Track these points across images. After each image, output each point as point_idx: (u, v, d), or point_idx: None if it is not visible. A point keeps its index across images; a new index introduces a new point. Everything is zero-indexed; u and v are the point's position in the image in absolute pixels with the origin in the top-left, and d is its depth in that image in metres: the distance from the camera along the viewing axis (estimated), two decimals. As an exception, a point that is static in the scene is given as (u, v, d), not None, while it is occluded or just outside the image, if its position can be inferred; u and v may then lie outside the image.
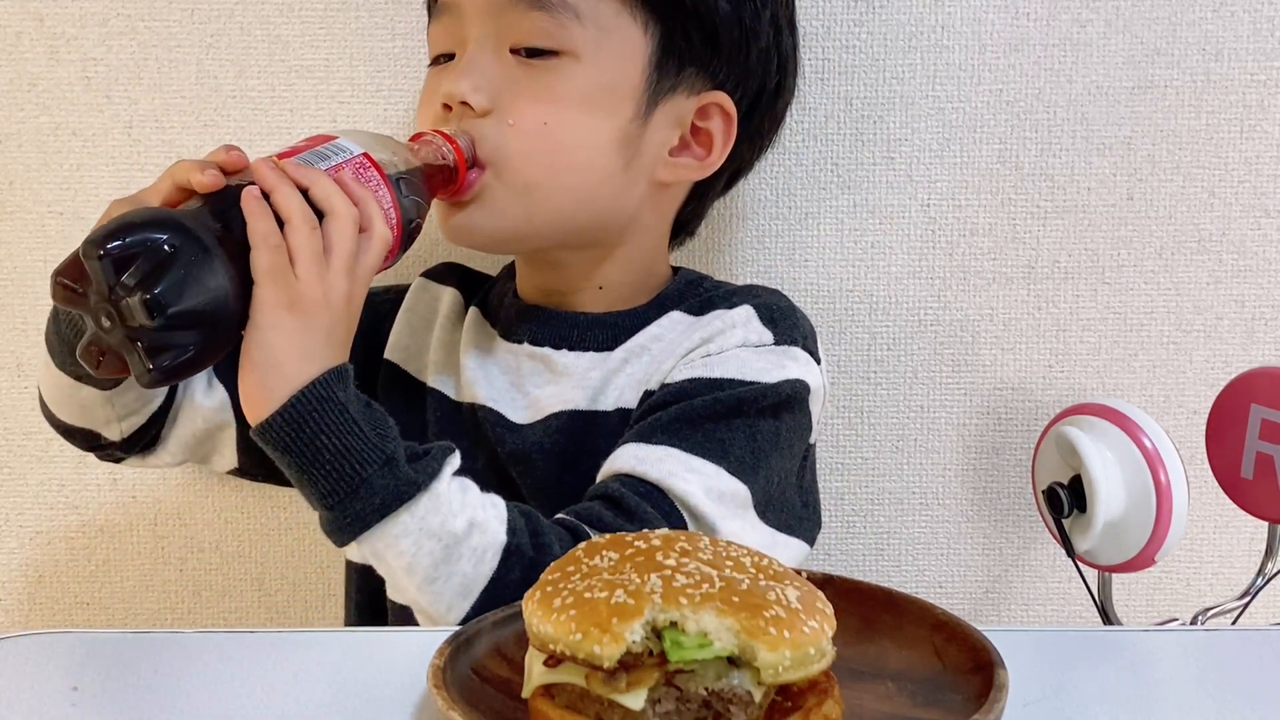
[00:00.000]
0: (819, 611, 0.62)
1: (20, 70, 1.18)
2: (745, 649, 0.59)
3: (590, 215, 0.96)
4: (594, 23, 0.93)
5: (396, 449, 0.80)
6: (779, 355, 0.94)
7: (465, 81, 0.93)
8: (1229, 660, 0.77)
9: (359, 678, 0.72)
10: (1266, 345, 1.19)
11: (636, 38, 0.94)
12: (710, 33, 0.95)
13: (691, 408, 0.90)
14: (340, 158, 0.86)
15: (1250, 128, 1.17)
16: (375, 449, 0.79)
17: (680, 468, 0.87)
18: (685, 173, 1.00)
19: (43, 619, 1.24)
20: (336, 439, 0.78)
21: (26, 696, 0.71)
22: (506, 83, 0.93)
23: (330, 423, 0.78)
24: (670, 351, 0.96)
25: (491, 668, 0.68)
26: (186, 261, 0.75)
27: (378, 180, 0.86)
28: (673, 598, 0.60)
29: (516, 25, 0.93)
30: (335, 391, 0.79)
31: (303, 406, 0.78)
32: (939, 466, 1.21)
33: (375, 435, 0.79)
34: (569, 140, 0.93)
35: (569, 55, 0.93)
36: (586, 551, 0.65)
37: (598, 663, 0.59)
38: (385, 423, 0.81)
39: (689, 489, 0.87)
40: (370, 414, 0.81)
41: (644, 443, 0.89)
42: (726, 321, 0.95)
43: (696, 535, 0.66)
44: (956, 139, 1.17)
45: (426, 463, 0.81)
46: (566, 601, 0.61)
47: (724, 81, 0.98)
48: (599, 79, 0.93)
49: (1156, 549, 1.03)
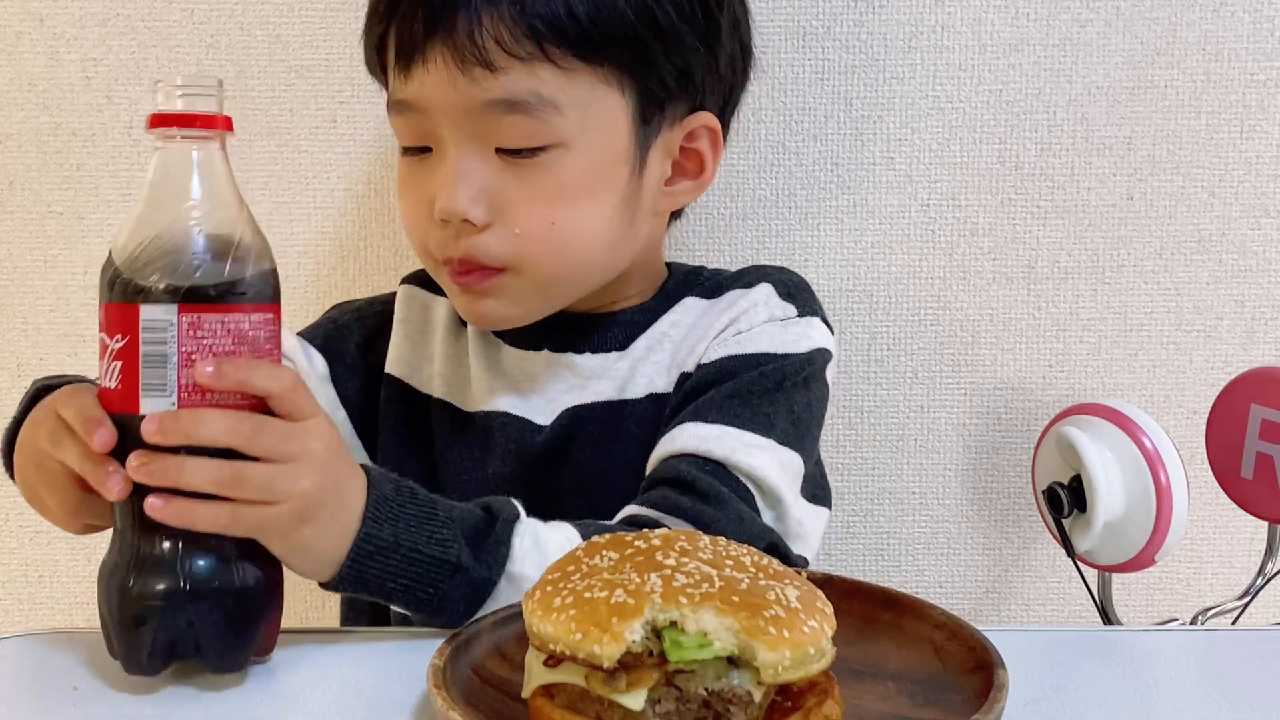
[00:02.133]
0: (819, 611, 0.62)
1: (20, 70, 1.18)
2: (745, 648, 0.59)
3: (605, 275, 0.97)
4: (574, 106, 0.89)
5: (460, 552, 0.76)
6: (803, 326, 0.97)
7: (461, 196, 0.89)
8: (1229, 660, 0.77)
9: (359, 678, 0.72)
10: (1266, 345, 1.19)
11: (616, 102, 0.91)
12: (683, 69, 0.93)
13: (738, 386, 0.92)
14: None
15: (1250, 128, 1.17)
16: (441, 564, 0.76)
17: (739, 444, 0.89)
18: (683, 197, 0.99)
19: (43, 619, 1.24)
20: (401, 579, 0.75)
21: (26, 696, 0.71)
22: (501, 188, 0.90)
23: (390, 567, 0.75)
24: (698, 334, 0.97)
25: (491, 668, 0.68)
26: (208, 619, 0.69)
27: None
28: (672, 597, 0.60)
29: (494, 130, 0.89)
30: (377, 542, 0.74)
31: (357, 570, 0.75)
32: (939, 466, 1.21)
33: (439, 548, 0.76)
34: (577, 231, 0.92)
35: (558, 147, 0.89)
36: (586, 551, 0.65)
37: (598, 662, 0.59)
38: (442, 525, 0.77)
39: (754, 463, 0.89)
40: (424, 526, 0.76)
41: (700, 422, 0.90)
42: (750, 300, 0.97)
43: (696, 534, 0.66)
44: (956, 139, 1.17)
45: (494, 549, 0.78)
46: (566, 601, 0.61)
47: (702, 102, 0.97)
48: (592, 160, 0.91)
49: (1156, 549, 1.03)
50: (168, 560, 0.69)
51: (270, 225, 1.15)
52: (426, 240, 0.93)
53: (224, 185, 0.70)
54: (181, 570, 0.69)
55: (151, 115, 0.70)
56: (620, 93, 0.91)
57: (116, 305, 0.68)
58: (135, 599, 0.68)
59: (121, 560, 0.69)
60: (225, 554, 0.69)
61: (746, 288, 0.99)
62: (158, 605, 0.68)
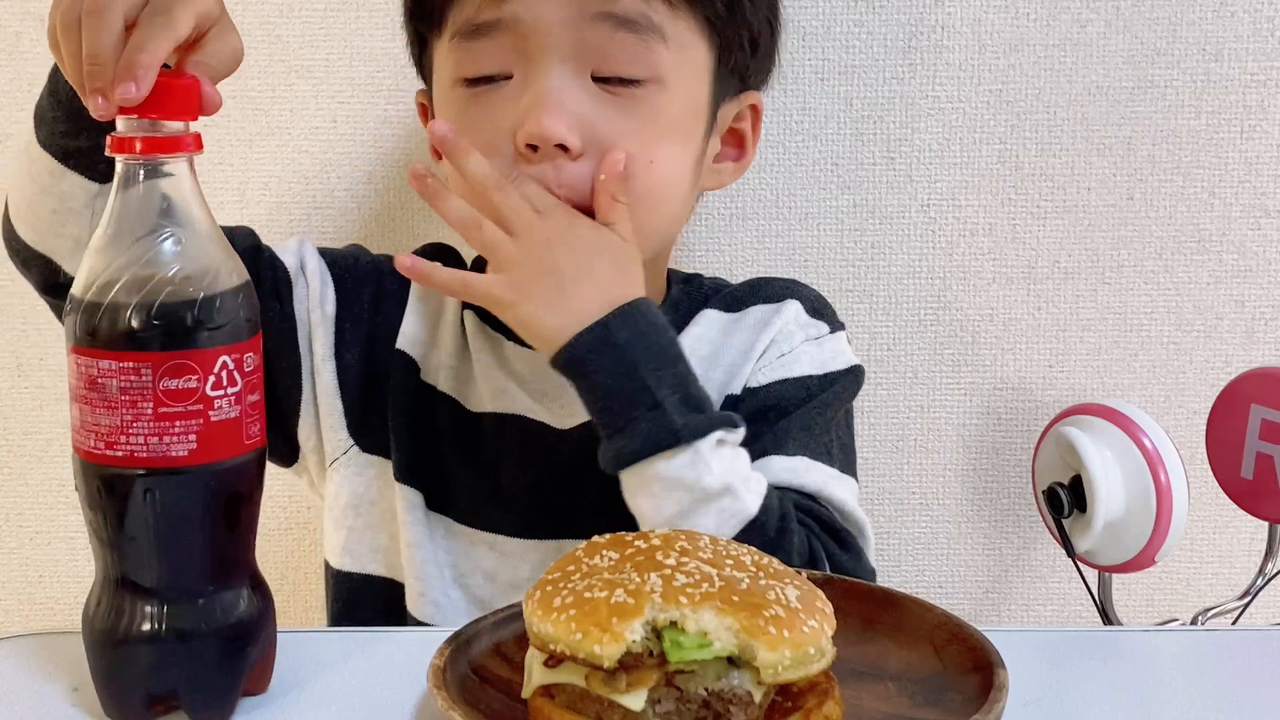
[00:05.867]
0: (819, 611, 0.62)
1: (20, 70, 1.18)
2: (745, 648, 0.59)
3: (664, 243, 0.96)
4: (675, 43, 0.88)
5: (667, 397, 0.81)
6: (835, 342, 0.98)
7: (558, 121, 0.85)
8: (1229, 660, 0.77)
9: (359, 678, 0.72)
10: (1266, 345, 1.19)
11: (703, 54, 0.91)
12: (754, 38, 0.94)
13: (806, 417, 0.92)
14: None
15: (1250, 128, 1.17)
16: (648, 393, 0.81)
17: (820, 474, 0.90)
18: (725, 177, 0.99)
19: (43, 619, 1.24)
20: (608, 378, 0.82)
21: (26, 696, 0.71)
22: (599, 119, 0.87)
23: (604, 366, 0.82)
24: (734, 354, 0.95)
25: (491, 668, 0.68)
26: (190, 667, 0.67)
27: None
28: (672, 597, 0.60)
29: (599, 48, 0.86)
30: (609, 337, 0.82)
31: (578, 352, 0.82)
32: (939, 466, 1.21)
33: (653, 377, 0.81)
34: (670, 176, 0.90)
35: (654, 83, 0.88)
36: (587, 551, 0.65)
37: (598, 662, 0.59)
38: (670, 363, 0.83)
39: (845, 497, 0.91)
40: (656, 356, 0.83)
41: (781, 455, 0.90)
42: (783, 319, 0.97)
43: (696, 534, 0.66)
44: (956, 139, 1.17)
45: (697, 419, 0.82)
46: (566, 601, 0.61)
47: (754, 80, 0.97)
48: (684, 104, 0.90)
49: (1156, 549, 1.03)
50: (148, 612, 0.66)
51: (270, 225, 1.15)
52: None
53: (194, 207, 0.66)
54: (160, 620, 0.66)
55: (111, 138, 0.66)
56: (707, 45, 0.91)
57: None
58: (116, 647, 0.66)
59: (103, 610, 0.67)
60: (207, 601, 0.67)
61: (769, 302, 0.98)
62: (138, 656, 0.66)
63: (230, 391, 0.65)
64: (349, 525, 0.96)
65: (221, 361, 0.65)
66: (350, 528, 0.96)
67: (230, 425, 0.65)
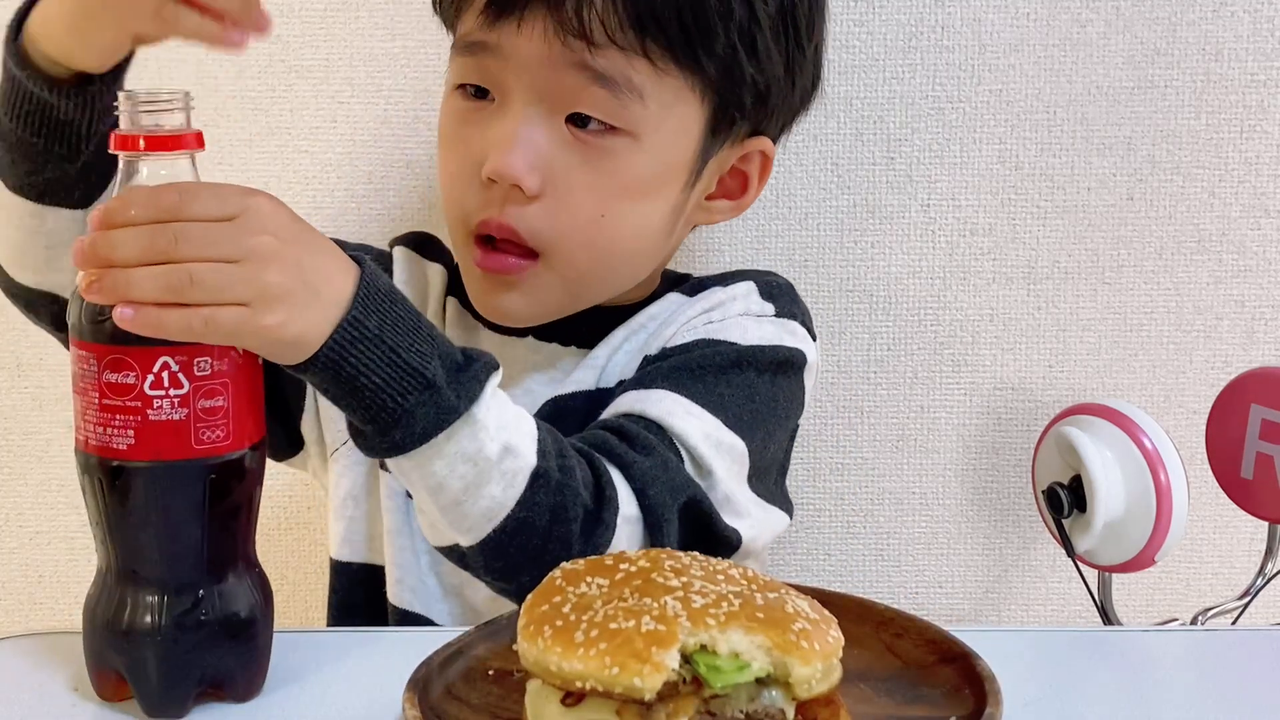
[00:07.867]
0: (828, 618, 0.61)
1: None
2: (778, 665, 0.58)
3: (629, 283, 0.95)
4: (657, 103, 0.87)
5: (436, 371, 0.72)
6: (778, 327, 0.94)
7: (518, 160, 0.85)
8: (1229, 660, 0.77)
9: (355, 678, 0.72)
10: (1266, 345, 1.19)
11: (694, 111, 0.89)
12: (763, 93, 0.92)
13: (690, 358, 0.89)
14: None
15: (1250, 128, 1.17)
16: (416, 375, 0.72)
17: (679, 408, 0.86)
18: (719, 215, 0.98)
19: (43, 619, 1.24)
20: (375, 376, 0.71)
21: (26, 696, 0.71)
22: (562, 162, 0.87)
23: (367, 361, 0.71)
24: (669, 321, 0.94)
25: (452, 712, 0.66)
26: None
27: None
28: (699, 619, 0.58)
29: (574, 95, 0.86)
30: (363, 330, 0.71)
31: (337, 354, 0.70)
32: (939, 466, 1.21)
33: (417, 358, 0.72)
34: (625, 231, 0.89)
35: (627, 135, 0.87)
36: (567, 579, 0.63)
37: (638, 695, 0.56)
38: (424, 339, 0.73)
39: (687, 428, 0.85)
40: (408, 334, 0.72)
41: (642, 388, 0.87)
42: (728, 294, 0.95)
43: (675, 553, 0.64)
44: (956, 139, 1.17)
45: (468, 383, 0.74)
46: (591, 635, 0.58)
47: (766, 127, 0.95)
48: (657, 162, 0.89)
49: (1156, 549, 1.03)
50: (148, 603, 0.67)
51: (270, 225, 1.15)
52: (465, 200, 0.89)
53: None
54: (161, 611, 0.67)
55: (114, 135, 0.66)
56: (700, 103, 0.89)
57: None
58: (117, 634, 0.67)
59: (106, 604, 0.68)
60: (208, 593, 0.68)
61: (726, 284, 0.96)
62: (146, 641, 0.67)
63: (174, 394, 0.65)
64: (349, 515, 0.97)
65: (162, 362, 0.65)
66: (350, 517, 0.97)
67: (173, 427, 0.65)
